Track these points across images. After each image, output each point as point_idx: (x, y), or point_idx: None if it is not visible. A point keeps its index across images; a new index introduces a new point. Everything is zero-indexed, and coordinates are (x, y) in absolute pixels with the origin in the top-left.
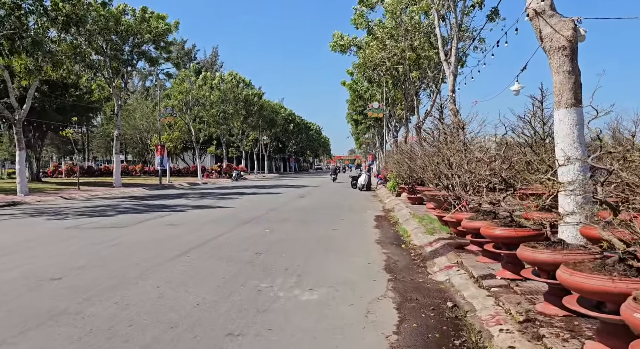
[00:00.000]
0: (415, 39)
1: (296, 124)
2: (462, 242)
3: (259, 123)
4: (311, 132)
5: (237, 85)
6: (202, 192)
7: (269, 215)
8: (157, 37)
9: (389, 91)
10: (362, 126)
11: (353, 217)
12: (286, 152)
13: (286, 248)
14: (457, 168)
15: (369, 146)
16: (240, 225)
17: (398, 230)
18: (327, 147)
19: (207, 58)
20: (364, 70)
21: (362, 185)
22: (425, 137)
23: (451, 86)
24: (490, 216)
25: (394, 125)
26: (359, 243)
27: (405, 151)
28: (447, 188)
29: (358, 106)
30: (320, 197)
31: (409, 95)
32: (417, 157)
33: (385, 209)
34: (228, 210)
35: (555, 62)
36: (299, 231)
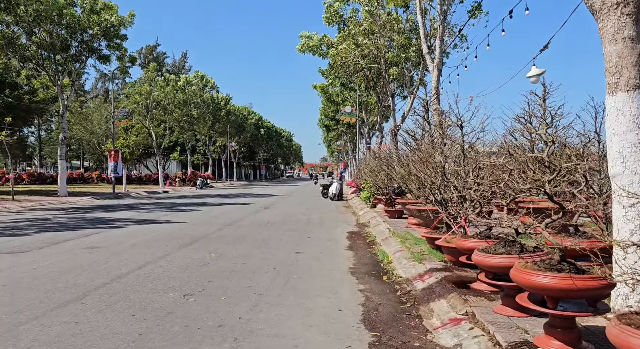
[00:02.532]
0: (394, 34)
1: (266, 130)
2: (463, 276)
3: (226, 128)
4: (282, 138)
5: (203, 88)
6: (158, 202)
7: (223, 232)
8: (108, 31)
9: (361, 95)
10: (334, 133)
11: (322, 234)
12: (256, 159)
13: (230, 286)
14: (456, 178)
15: (341, 153)
16: (182, 247)
17: (376, 253)
18: (299, 154)
19: (176, 62)
20: (336, 70)
21: (334, 194)
22: (406, 140)
23: (435, 82)
24: (516, 248)
25: (366, 131)
26: (327, 273)
27: (382, 158)
28: (441, 204)
29: (330, 111)
30: (288, 208)
31: (384, 97)
32: (399, 164)
33: (360, 223)
34: (176, 226)
35: (609, 26)
36: (254, 257)
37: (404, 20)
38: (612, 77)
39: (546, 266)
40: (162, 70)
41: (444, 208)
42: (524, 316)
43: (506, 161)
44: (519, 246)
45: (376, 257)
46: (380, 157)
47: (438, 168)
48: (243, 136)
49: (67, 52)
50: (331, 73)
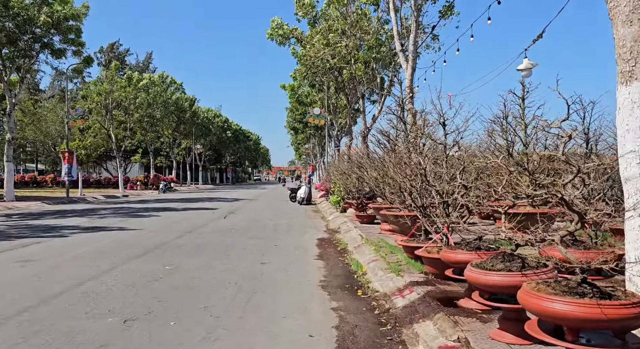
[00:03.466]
0: (363, 34)
1: (233, 133)
2: (448, 291)
3: (192, 130)
4: (250, 141)
5: (167, 88)
6: (115, 207)
7: (181, 240)
8: (61, 24)
9: (330, 97)
10: (302, 135)
11: (290, 241)
12: (223, 162)
13: (182, 306)
14: (438, 181)
15: (309, 156)
16: (132, 258)
17: (349, 263)
18: (267, 157)
19: (140, 62)
20: (306, 70)
21: (302, 198)
22: (380, 141)
23: (409, 82)
24: (516, 263)
25: (335, 133)
26: (296, 288)
27: (354, 160)
28: (420, 210)
29: (298, 114)
30: (254, 213)
31: (353, 99)
32: (371, 166)
33: (330, 229)
34: (130, 234)
35: (622, 4)
36: (214, 269)
37: (374, 18)
38: (626, 64)
39: (564, 289)
40: (125, 69)
41: (424, 215)
42: (527, 343)
43: (504, 162)
44: (519, 261)
45: (349, 268)
46: (352, 159)
47: (418, 171)
48: (209, 138)
49: (15, 45)
50: (300, 75)
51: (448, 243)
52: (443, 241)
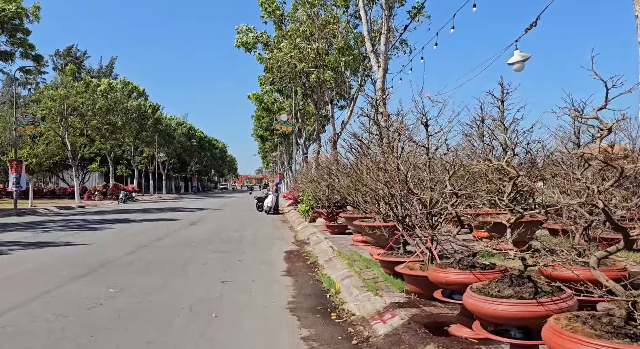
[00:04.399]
0: (332, 37)
1: (199, 141)
2: (435, 315)
3: (154, 138)
4: (216, 150)
5: (128, 94)
6: (68, 219)
7: (134, 255)
8: (7, 23)
9: (298, 103)
10: (269, 143)
11: (256, 255)
12: (188, 170)
13: (121, 341)
14: (421, 188)
15: (276, 165)
16: (74, 279)
17: (320, 279)
18: (234, 165)
19: (103, 68)
20: (273, 75)
21: (269, 207)
22: (352, 146)
23: (380, 84)
24: (527, 288)
25: (303, 141)
26: (260, 312)
27: (324, 167)
28: (401, 221)
29: (264, 121)
30: (218, 223)
31: (322, 105)
32: (343, 174)
33: (298, 240)
34: (77, 250)
35: None
36: (167, 290)
37: (343, 22)
38: None
39: (608, 329)
40: (83, 74)
41: (404, 226)
42: None
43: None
44: (531, 286)
45: (320, 285)
46: (322, 165)
47: (398, 177)
48: (173, 146)
49: None
50: (267, 80)
51: (432, 258)
52: (427, 256)
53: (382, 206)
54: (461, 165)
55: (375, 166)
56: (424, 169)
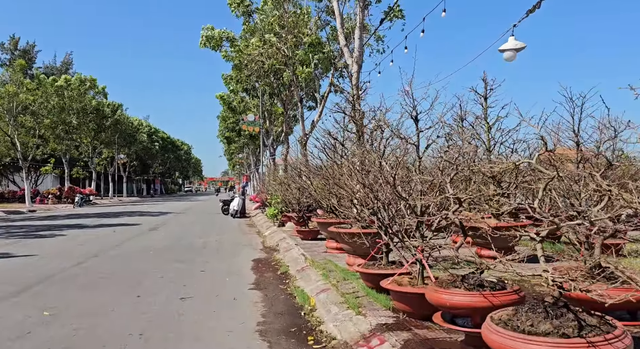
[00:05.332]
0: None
1: (162, 142)
2: (432, 340)
3: (114, 139)
4: (180, 151)
5: (85, 92)
6: (13, 225)
7: (81, 267)
8: None
9: (265, 103)
10: (235, 145)
11: (221, 264)
12: (150, 172)
13: None
14: (410, 192)
15: (243, 166)
16: (3, 299)
17: (292, 293)
18: (199, 168)
19: (58, 65)
20: (239, 74)
21: (236, 210)
22: (326, 145)
23: (355, 80)
24: (570, 322)
25: (271, 142)
26: (224, 337)
27: (296, 168)
28: (386, 229)
29: (230, 122)
30: (181, 229)
31: (290, 105)
32: (316, 175)
33: (267, 247)
34: (15, 262)
35: None
36: (114, 311)
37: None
38: None
39: None
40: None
41: (391, 235)
42: None
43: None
44: (572, 317)
45: (293, 300)
46: (293, 167)
47: (382, 179)
48: (134, 148)
49: None
50: (233, 79)
51: (423, 271)
52: (417, 270)
53: (363, 211)
54: (470, 164)
55: (356, 167)
56: (413, 169)
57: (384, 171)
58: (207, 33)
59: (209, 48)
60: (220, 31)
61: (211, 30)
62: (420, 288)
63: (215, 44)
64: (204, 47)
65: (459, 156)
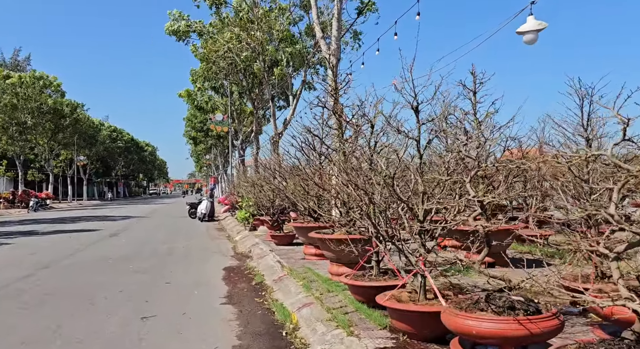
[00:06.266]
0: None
1: (125, 143)
2: None
3: (73, 140)
4: (145, 152)
5: (41, 90)
6: None
7: (27, 282)
8: None
9: (234, 102)
10: (202, 146)
11: (188, 275)
12: (113, 175)
13: None
14: (409, 194)
15: (210, 168)
16: None
17: (270, 307)
18: (164, 169)
19: (7, 61)
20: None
21: (204, 214)
22: (306, 143)
23: (332, 74)
24: None
25: (240, 142)
26: None
27: (271, 169)
28: (380, 236)
29: (198, 122)
30: (144, 234)
31: (260, 104)
32: (291, 176)
33: (239, 253)
34: None
35: None
36: (59, 338)
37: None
38: None
39: None
40: None
41: (386, 243)
42: None
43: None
44: None
45: (272, 317)
46: (267, 167)
47: (377, 180)
48: (95, 149)
49: None
50: (200, 76)
51: (425, 286)
52: (418, 284)
53: (350, 215)
54: (520, 160)
55: (345, 165)
56: (415, 167)
57: (380, 169)
58: (172, 25)
59: (176, 38)
60: (186, 23)
61: (177, 21)
62: (424, 305)
63: (180, 36)
64: (169, 34)
65: (480, 150)
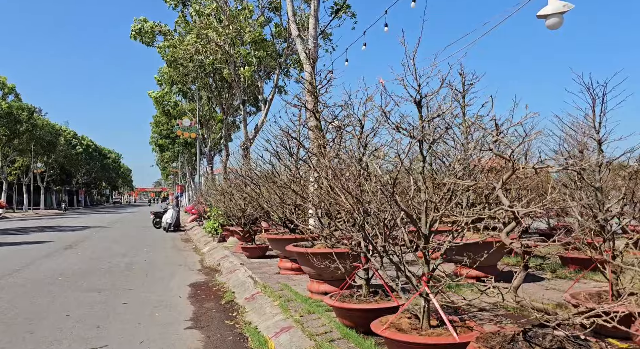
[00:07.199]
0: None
1: (86, 149)
2: None
3: (30, 146)
4: (108, 160)
5: None
6: None
7: None
8: None
9: (202, 108)
10: (169, 153)
11: (148, 293)
12: (73, 183)
13: None
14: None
15: (177, 176)
16: None
17: (243, 332)
18: (129, 177)
19: None
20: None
21: (169, 223)
22: (284, 146)
23: (309, 75)
24: None
25: (208, 150)
26: None
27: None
28: (376, 251)
29: (164, 128)
30: (102, 246)
31: (230, 110)
32: (267, 183)
33: (206, 267)
34: None
35: None
36: None
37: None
38: None
39: None
40: None
41: (382, 259)
42: None
43: None
44: None
45: (245, 344)
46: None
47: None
48: (54, 156)
49: None
50: (167, 80)
51: (429, 310)
52: (421, 309)
53: (338, 226)
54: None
55: (333, 170)
56: (414, 172)
57: (375, 174)
58: (136, 26)
59: (142, 42)
60: (152, 24)
61: (144, 22)
62: (431, 336)
63: (148, 38)
64: (134, 39)
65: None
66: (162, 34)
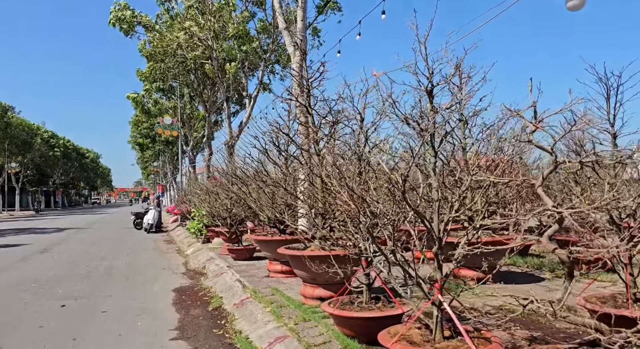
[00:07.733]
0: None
1: (63, 149)
2: None
3: (4, 145)
4: (86, 159)
5: None
6: None
7: None
8: None
9: (184, 106)
10: (149, 152)
11: (130, 299)
12: (50, 183)
13: None
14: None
15: (158, 175)
16: None
17: (234, 343)
18: (108, 177)
19: None
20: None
21: (150, 224)
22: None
23: (298, 68)
24: None
25: (190, 148)
26: None
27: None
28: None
29: (144, 127)
30: (80, 249)
31: (213, 108)
32: (256, 182)
33: (191, 270)
34: None
35: None
36: None
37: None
38: None
39: None
40: None
41: (390, 265)
42: None
43: None
44: None
45: None
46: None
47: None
48: (30, 155)
49: None
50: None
51: (442, 321)
52: (434, 319)
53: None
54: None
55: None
56: (424, 169)
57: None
58: (117, 11)
59: (121, 31)
60: (132, 14)
61: (125, 8)
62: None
63: (126, 28)
64: (113, 26)
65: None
66: (143, 26)
